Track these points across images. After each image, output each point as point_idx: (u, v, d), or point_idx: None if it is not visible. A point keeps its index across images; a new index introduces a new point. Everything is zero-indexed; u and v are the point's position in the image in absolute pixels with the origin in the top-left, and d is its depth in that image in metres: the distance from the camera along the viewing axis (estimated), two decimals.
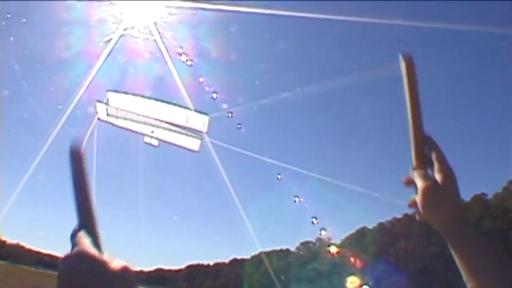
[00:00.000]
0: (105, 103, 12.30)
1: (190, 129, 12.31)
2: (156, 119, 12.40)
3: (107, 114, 12.53)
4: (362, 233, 53.20)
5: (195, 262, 72.28)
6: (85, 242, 0.67)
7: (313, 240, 57.52)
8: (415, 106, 1.02)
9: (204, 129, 12.73)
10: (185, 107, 12.73)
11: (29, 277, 37.06)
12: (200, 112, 12.41)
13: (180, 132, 12.44)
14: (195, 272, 69.75)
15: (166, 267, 74.28)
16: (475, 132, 65.01)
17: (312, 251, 54.78)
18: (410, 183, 1.02)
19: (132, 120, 12.36)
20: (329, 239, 57.35)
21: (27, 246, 65.95)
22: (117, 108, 12.23)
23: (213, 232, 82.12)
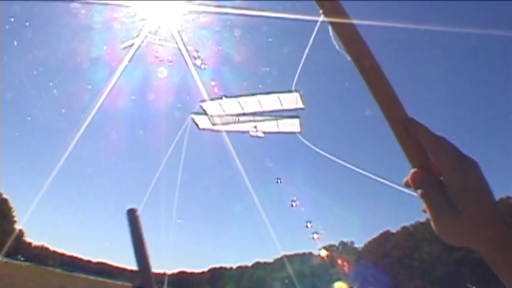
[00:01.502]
0: (204, 113, 12.74)
1: (287, 111, 12.44)
2: (253, 113, 12.67)
3: (212, 124, 13.03)
4: (385, 237, 52.30)
5: (218, 265, 72.74)
6: None
7: (336, 243, 56.90)
8: (377, 77, 0.71)
9: (300, 105, 12.59)
10: (275, 92, 12.60)
11: (54, 278, 38.10)
12: (290, 91, 12.21)
13: (279, 117, 12.57)
14: (217, 275, 69.95)
15: (189, 270, 74.94)
16: (500, 134, 62.77)
17: (334, 255, 54.10)
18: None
19: (233, 122, 12.74)
20: (352, 242, 56.83)
21: (52, 248, 67.88)
22: (215, 115, 12.68)
23: (236, 235, 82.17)
